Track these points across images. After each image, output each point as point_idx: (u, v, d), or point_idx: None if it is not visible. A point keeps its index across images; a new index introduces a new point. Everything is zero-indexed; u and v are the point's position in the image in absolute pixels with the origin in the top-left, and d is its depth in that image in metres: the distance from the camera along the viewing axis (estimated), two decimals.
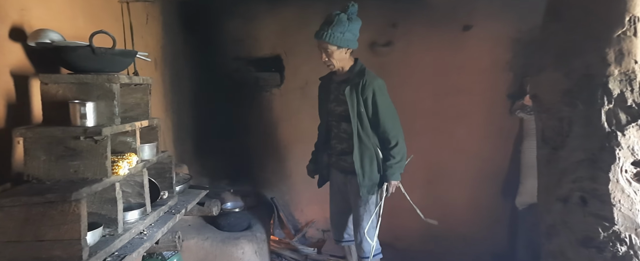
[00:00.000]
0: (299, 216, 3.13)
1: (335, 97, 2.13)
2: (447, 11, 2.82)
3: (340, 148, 2.14)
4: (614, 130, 1.04)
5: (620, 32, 1.04)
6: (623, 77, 1.04)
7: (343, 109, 2.08)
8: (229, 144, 3.05)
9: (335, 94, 2.14)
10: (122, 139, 1.51)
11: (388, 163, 2.04)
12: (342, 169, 2.17)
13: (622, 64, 1.04)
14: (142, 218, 1.53)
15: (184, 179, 2.06)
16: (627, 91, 1.04)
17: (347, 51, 2.07)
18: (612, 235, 1.03)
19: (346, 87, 2.04)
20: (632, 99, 1.04)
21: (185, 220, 2.33)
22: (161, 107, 2.35)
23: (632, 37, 1.02)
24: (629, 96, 1.04)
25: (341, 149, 2.13)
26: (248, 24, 2.97)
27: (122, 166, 1.37)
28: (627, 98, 1.04)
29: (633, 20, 1.03)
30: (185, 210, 1.84)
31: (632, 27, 1.02)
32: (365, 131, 2.04)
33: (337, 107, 2.12)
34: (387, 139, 2.05)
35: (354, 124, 2.03)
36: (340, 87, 2.10)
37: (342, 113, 2.09)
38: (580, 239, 1.05)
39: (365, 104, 2.02)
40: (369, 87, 2.02)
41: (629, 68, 1.04)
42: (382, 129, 2.04)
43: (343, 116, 2.08)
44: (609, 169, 1.03)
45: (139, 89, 1.63)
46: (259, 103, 3.08)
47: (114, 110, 1.37)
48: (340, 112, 2.10)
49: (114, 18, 1.81)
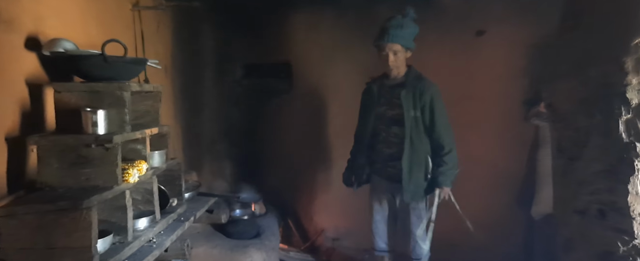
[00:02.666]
0: (309, 224, 3.10)
1: (388, 100, 2.13)
2: (460, 16, 2.79)
3: (388, 153, 2.12)
4: (632, 141, 1.00)
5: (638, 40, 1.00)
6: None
7: (396, 113, 2.08)
8: (239, 151, 3.06)
9: (387, 97, 2.14)
10: (132, 147, 1.51)
11: (441, 169, 2.05)
12: (388, 175, 2.15)
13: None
14: (152, 225, 1.52)
15: (193, 187, 2.05)
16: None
17: (409, 53, 2.11)
18: (632, 249, 0.98)
19: (402, 91, 2.05)
20: None
21: (194, 227, 2.33)
22: (171, 114, 2.36)
23: None
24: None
25: (389, 154, 2.12)
26: (258, 31, 2.98)
27: (132, 174, 1.37)
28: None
29: None
30: (194, 218, 1.83)
31: None
32: (419, 136, 2.04)
33: (389, 111, 2.12)
34: (441, 145, 2.06)
35: (408, 129, 2.03)
36: (395, 91, 2.11)
37: (394, 117, 2.09)
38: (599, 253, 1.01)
39: (422, 109, 2.04)
40: (428, 93, 2.05)
41: None
42: (436, 135, 2.05)
43: (395, 120, 2.09)
44: (628, 181, 0.99)
45: (149, 97, 1.64)
46: (269, 109, 3.08)
47: (125, 118, 1.37)
48: (392, 116, 2.10)
49: (125, 26, 1.83)
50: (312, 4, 2.90)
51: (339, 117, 3.01)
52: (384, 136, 2.14)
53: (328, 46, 2.96)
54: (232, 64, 3.05)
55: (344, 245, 3.05)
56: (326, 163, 3.04)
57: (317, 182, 3.06)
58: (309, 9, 2.92)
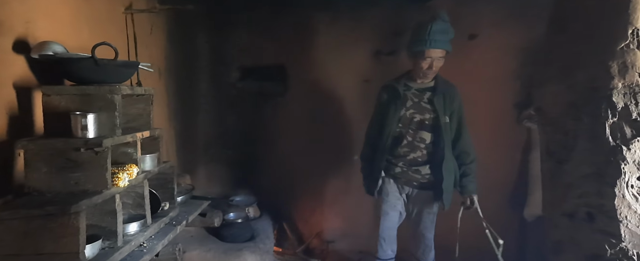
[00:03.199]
0: (303, 226, 3.09)
1: (415, 104, 2.09)
2: (452, 20, 2.79)
3: (412, 157, 2.08)
4: (619, 144, 1.01)
5: (624, 45, 1.01)
6: (627, 90, 1.02)
7: (425, 118, 2.05)
8: (233, 154, 3.04)
9: (414, 101, 2.09)
10: (123, 150, 1.51)
11: (469, 177, 2.06)
12: (408, 180, 2.11)
13: (626, 77, 1.02)
14: (143, 230, 1.51)
15: (186, 190, 2.04)
16: (632, 105, 1.01)
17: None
18: (619, 252, 0.99)
19: (435, 95, 2.04)
20: (636, 112, 1.01)
21: (187, 230, 2.31)
22: (164, 117, 2.35)
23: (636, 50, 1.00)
24: (633, 110, 1.01)
25: (413, 158, 2.08)
26: (252, 34, 2.98)
27: (123, 178, 1.36)
28: (631, 112, 1.02)
29: (636, 33, 1.00)
30: (187, 221, 1.82)
31: (635, 39, 1.00)
32: (448, 142, 2.03)
33: (416, 115, 2.07)
34: (467, 153, 2.06)
35: (443, 134, 2.02)
36: (424, 95, 2.08)
37: (422, 121, 2.06)
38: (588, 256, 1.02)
39: (451, 115, 2.03)
40: (457, 99, 2.07)
41: (633, 81, 1.01)
42: (463, 142, 2.06)
43: (423, 124, 2.06)
44: (615, 184, 1.00)
45: (141, 100, 1.63)
46: (263, 112, 3.08)
47: (116, 121, 1.37)
48: (420, 120, 2.06)
49: (118, 29, 1.82)
50: (306, 7, 2.91)
51: (334, 120, 3.01)
52: (409, 141, 2.07)
53: (323, 49, 2.97)
54: (226, 67, 3.05)
55: (338, 247, 3.04)
56: (321, 166, 3.04)
57: (312, 185, 3.06)
58: (303, 12, 2.92)
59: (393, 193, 2.15)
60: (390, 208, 2.15)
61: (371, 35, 2.92)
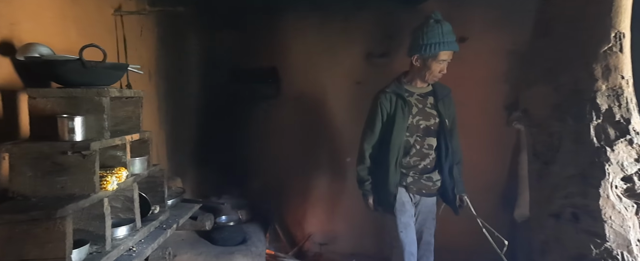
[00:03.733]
0: (296, 229, 3.09)
1: (420, 110, 2.01)
2: None
3: (422, 166, 2.01)
4: (603, 145, 1.03)
5: (607, 48, 1.04)
6: (610, 93, 1.04)
7: (430, 123, 1.99)
8: (224, 157, 3.03)
9: (419, 107, 2.02)
10: (111, 153, 1.49)
11: (460, 177, 2.05)
12: (419, 189, 2.04)
13: (609, 80, 1.04)
14: (132, 233, 1.50)
15: (176, 193, 2.03)
16: (615, 106, 1.03)
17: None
18: (604, 251, 1.01)
19: (438, 100, 2.01)
20: (620, 114, 1.03)
21: (178, 234, 2.29)
22: (155, 120, 2.33)
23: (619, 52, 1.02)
24: (616, 111, 1.04)
25: (423, 167, 2.01)
26: (244, 36, 2.98)
27: (111, 181, 1.35)
28: (615, 113, 1.04)
29: (619, 36, 1.03)
30: (177, 225, 1.81)
31: (618, 42, 1.03)
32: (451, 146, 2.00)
33: (423, 121, 2.00)
34: (457, 153, 2.05)
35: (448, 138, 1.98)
36: (426, 99, 2.03)
37: (428, 127, 1.99)
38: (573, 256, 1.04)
39: (448, 118, 2.01)
40: (452, 101, 2.06)
41: (616, 83, 1.03)
42: (455, 143, 2.04)
43: (429, 130, 2.00)
44: (599, 185, 1.02)
45: (130, 102, 1.62)
46: (255, 115, 3.07)
47: (104, 124, 1.35)
48: (426, 126, 2.00)
49: (107, 31, 1.80)
50: (298, 10, 2.91)
51: (326, 122, 3.02)
52: (417, 149, 1.99)
53: (314, 51, 2.97)
54: (218, 69, 3.04)
55: (331, 249, 3.04)
56: (314, 168, 3.04)
57: (305, 187, 3.06)
58: (295, 14, 2.93)
59: (408, 202, 2.04)
60: (409, 218, 2.03)
61: (363, 38, 2.94)
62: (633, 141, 1.03)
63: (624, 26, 1.03)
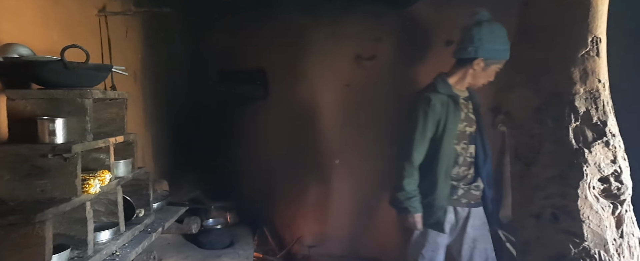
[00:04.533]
0: (285, 232, 3.08)
1: (466, 115, 1.92)
2: (430, 26, 2.87)
3: (470, 176, 1.90)
4: (581, 147, 1.06)
5: (584, 52, 1.07)
6: (588, 96, 1.07)
7: (472, 129, 1.90)
8: (213, 159, 3.01)
9: (464, 112, 1.92)
10: (95, 156, 1.46)
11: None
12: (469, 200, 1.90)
13: (587, 83, 1.07)
14: (115, 238, 1.47)
15: (162, 196, 2.00)
16: (592, 109, 1.07)
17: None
18: (582, 251, 1.04)
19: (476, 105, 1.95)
20: (597, 116, 1.07)
21: (164, 238, 2.26)
22: (141, 122, 2.30)
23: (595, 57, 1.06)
24: (594, 114, 1.07)
25: (471, 176, 1.90)
26: (232, 38, 2.97)
27: (94, 185, 1.32)
28: (592, 116, 1.07)
29: (595, 41, 1.06)
30: (163, 228, 1.78)
31: (595, 47, 1.06)
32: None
33: (468, 128, 1.90)
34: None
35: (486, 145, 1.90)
36: (468, 104, 1.96)
37: (471, 134, 1.90)
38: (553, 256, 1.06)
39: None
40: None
41: (593, 87, 1.07)
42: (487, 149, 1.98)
43: (471, 136, 1.91)
44: (577, 186, 1.05)
45: (114, 104, 1.60)
46: (244, 117, 3.06)
47: (86, 126, 1.33)
48: (470, 133, 1.91)
49: (91, 32, 1.78)
50: (287, 12, 2.92)
51: (315, 124, 3.02)
52: (463, 157, 1.87)
53: (304, 53, 2.98)
54: (206, 70, 3.02)
55: (320, 252, 3.04)
56: (302, 170, 3.04)
57: (294, 189, 3.05)
58: (284, 16, 2.93)
59: (450, 221, 1.88)
60: (444, 239, 1.88)
61: (351, 40, 2.96)
62: (609, 143, 1.06)
63: (601, 31, 1.07)
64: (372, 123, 2.98)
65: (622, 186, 1.05)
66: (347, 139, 3.01)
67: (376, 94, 2.97)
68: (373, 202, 3.01)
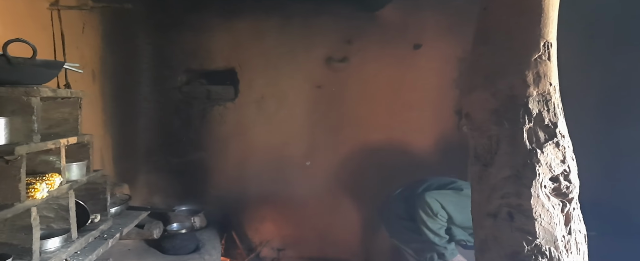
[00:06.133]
0: (253, 235, 3.02)
1: None
2: (399, 30, 2.93)
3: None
4: (534, 148, 1.10)
5: (537, 56, 1.12)
6: (541, 98, 1.12)
7: None
8: (178, 161, 2.91)
9: None
10: (43, 158, 1.37)
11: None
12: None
13: (539, 86, 1.12)
14: (66, 245, 1.38)
15: (121, 200, 1.91)
16: (544, 111, 1.11)
17: None
18: (534, 248, 1.08)
19: None
20: (548, 118, 1.12)
21: (124, 244, 2.16)
22: (99, 123, 2.19)
23: (547, 61, 1.11)
24: (546, 116, 1.12)
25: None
26: (200, 36, 2.89)
27: (40, 189, 1.24)
28: (544, 118, 1.12)
29: (547, 45, 1.11)
30: (121, 234, 1.70)
31: (547, 51, 1.11)
32: None
33: None
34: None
35: None
36: None
37: None
38: (508, 254, 1.10)
39: None
40: None
41: (545, 90, 1.12)
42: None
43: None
44: (531, 185, 1.09)
45: (67, 103, 1.50)
46: (212, 117, 2.98)
47: (32, 126, 1.24)
48: None
49: (41, 26, 1.67)
50: (256, 11, 2.88)
51: (286, 126, 2.99)
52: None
53: (274, 53, 2.95)
54: (171, 70, 2.91)
55: (289, 255, 3.01)
56: (272, 172, 2.99)
57: (263, 192, 3.00)
58: (253, 15, 2.89)
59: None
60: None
61: (323, 42, 2.96)
62: (559, 144, 1.11)
63: (552, 36, 1.12)
64: (343, 125, 2.99)
65: (571, 184, 1.11)
66: (318, 141, 3.00)
67: (347, 96, 2.99)
68: (342, 204, 3.02)
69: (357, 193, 3.02)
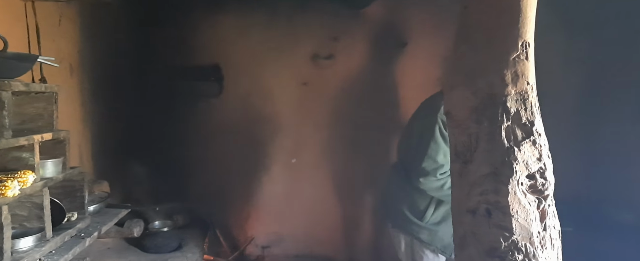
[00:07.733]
0: (238, 233, 3.00)
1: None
2: (385, 28, 2.94)
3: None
4: (512, 145, 1.12)
5: (515, 55, 1.13)
6: (518, 97, 1.14)
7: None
8: (161, 158, 2.86)
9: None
10: (15, 155, 1.33)
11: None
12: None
13: (517, 85, 1.14)
14: (40, 244, 1.34)
15: (100, 198, 1.87)
16: (522, 110, 1.13)
17: None
18: (511, 244, 1.10)
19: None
20: (526, 117, 1.14)
21: (103, 242, 2.11)
22: (78, 118, 2.13)
23: (525, 60, 1.13)
24: (523, 114, 1.13)
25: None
26: (184, 31, 2.84)
27: (11, 187, 1.19)
28: (522, 116, 1.14)
29: (525, 45, 1.13)
30: (99, 233, 1.66)
31: (524, 51, 1.13)
32: None
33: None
34: None
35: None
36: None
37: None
38: (486, 250, 1.11)
39: None
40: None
41: (523, 89, 1.13)
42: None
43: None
44: (508, 182, 1.10)
45: (41, 98, 1.46)
46: (195, 114, 2.94)
47: (4, 122, 1.20)
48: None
49: (15, 18, 1.61)
50: (241, 6, 2.85)
51: (271, 123, 2.97)
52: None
53: (260, 50, 2.92)
54: (154, 65, 2.86)
55: (274, 252, 3.00)
56: (257, 169, 2.98)
57: (248, 189, 2.99)
58: (238, 11, 2.85)
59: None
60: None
61: (309, 39, 2.95)
62: (536, 142, 1.13)
63: (529, 36, 1.14)
64: (329, 122, 2.99)
65: (546, 182, 1.13)
66: (304, 138, 2.99)
67: (334, 93, 2.99)
68: (328, 201, 3.02)
69: (342, 190, 3.03)
